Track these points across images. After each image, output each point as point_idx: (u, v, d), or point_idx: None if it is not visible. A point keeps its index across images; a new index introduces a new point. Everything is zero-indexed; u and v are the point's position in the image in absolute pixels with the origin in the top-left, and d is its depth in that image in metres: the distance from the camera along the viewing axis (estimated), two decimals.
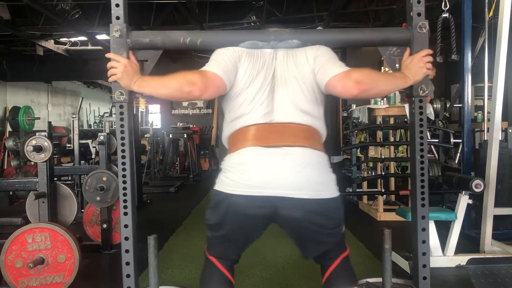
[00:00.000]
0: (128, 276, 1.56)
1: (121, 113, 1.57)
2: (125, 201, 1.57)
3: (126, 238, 1.56)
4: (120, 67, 1.50)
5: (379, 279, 2.08)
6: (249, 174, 1.45)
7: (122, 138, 1.58)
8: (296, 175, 1.44)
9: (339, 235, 1.56)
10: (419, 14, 1.54)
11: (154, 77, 1.51)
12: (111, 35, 1.53)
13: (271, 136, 1.49)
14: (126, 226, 1.56)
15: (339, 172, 8.93)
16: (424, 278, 1.58)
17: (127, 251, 1.55)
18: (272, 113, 1.51)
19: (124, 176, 1.57)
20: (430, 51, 1.53)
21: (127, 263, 1.55)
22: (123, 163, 1.57)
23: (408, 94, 1.58)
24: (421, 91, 1.53)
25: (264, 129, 1.50)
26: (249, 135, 1.50)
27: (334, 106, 10.15)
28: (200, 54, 9.24)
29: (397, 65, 1.62)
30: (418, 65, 1.51)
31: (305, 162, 1.46)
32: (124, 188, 1.56)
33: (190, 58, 9.40)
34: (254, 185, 1.43)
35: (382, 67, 8.93)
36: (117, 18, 1.54)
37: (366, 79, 1.47)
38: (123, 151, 1.57)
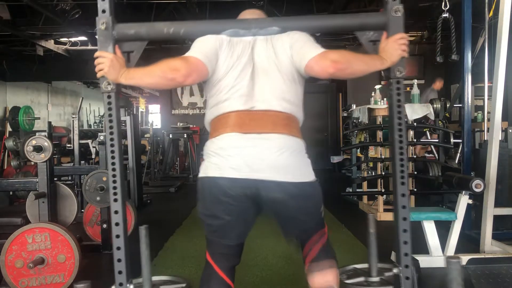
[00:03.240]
0: (120, 272, 1.56)
1: (109, 103, 1.56)
2: (115, 193, 1.55)
3: (117, 236, 1.55)
4: (106, 62, 1.50)
5: (366, 265, 2.09)
6: (229, 158, 1.53)
7: (111, 127, 1.55)
8: (274, 159, 1.52)
9: (318, 217, 1.64)
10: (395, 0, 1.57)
11: (139, 68, 1.55)
12: (98, 28, 1.53)
13: (251, 123, 1.55)
14: (117, 224, 1.55)
15: (339, 172, 8.95)
16: (407, 278, 1.56)
17: (118, 248, 1.55)
18: (253, 100, 1.57)
19: (114, 170, 1.53)
20: (405, 35, 1.56)
21: (119, 260, 1.55)
22: (112, 153, 1.54)
23: (386, 76, 1.60)
24: (398, 73, 1.56)
25: (244, 116, 1.56)
26: (230, 121, 1.57)
27: (334, 106, 10.15)
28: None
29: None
30: (393, 47, 1.53)
31: (283, 148, 1.54)
32: (114, 182, 1.54)
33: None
34: (234, 168, 1.51)
35: None
36: (103, 11, 1.55)
37: (342, 59, 1.54)
38: (111, 139, 1.55)
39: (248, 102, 1.58)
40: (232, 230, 1.59)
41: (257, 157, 1.52)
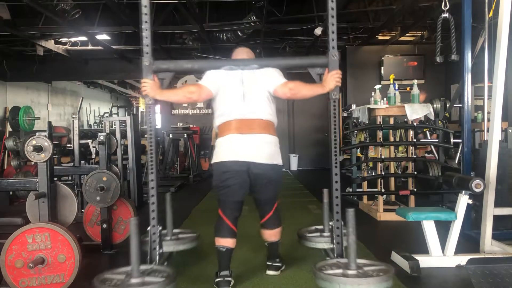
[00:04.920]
0: (153, 218, 2.40)
1: (149, 111, 2.43)
2: (151, 167, 2.41)
3: (153, 195, 2.41)
4: (148, 86, 2.37)
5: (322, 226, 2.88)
6: (232, 150, 2.53)
7: (150, 126, 2.41)
8: (258, 149, 2.53)
9: (276, 191, 2.70)
10: (333, 47, 2.37)
11: (169, 90, 2.52)
12: (143, 64, 2.36)
13: (245, 127, 2.53)
14: (152, 188, 2.43)
15: (339, 172, 8.93)
16: (337, 228, 2.36)
17: (153, 203, 2.40)
18: (244, 112, 2.54)
19: (151, 155, 2.39)
20: (339, 71, 2.38)
21: (153, 211, 2.41)
22: (151, 143, 2.40)
23: (328, 98, 2.42)
24: (334, 96, 2.39)
25: (240, 122, 2.54)
26: (231, 126, 2.55)
27: None
28: (200, 54, 9.26)
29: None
30: (331, 79, 2.37)
31: (264, 142, 2.55)
32: (151, 161, 2.40)
33: (191, 58, 9.41)
34: (236, 154, 2.52)
35: (382, 67, 8.92)
36: (147, 53, 2.36)
37: (296, 87, 2.51)
38: (151, 135, 2.39)
39: (242, 113, 2.54)
40: (236, 191, 2.54)
41: (249, 149, 2.51)
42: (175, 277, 2.13)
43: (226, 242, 2.54)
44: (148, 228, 2.36)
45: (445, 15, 3.67)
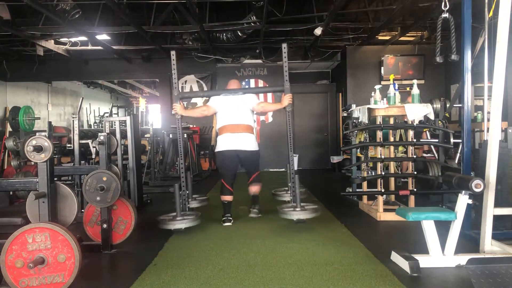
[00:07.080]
0: (183, 190, 4.16)
1: (178, 122, 4.27)
2: (180, 154, 4.35)
3: (183, 177, 4.23)
4: (178, 107, 4.20)
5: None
6: (227, 143, 4.27)
7: (179, 132, 4.30)
8: (243, 142, 4.27)
9: (257, 164, 4.45)
10: (286, 80, 4.07)
11: (189, 109, 4.84)
12: (174, 95, 4.18)
13: (234, 129, 4.26)
14: (182, 176, 4.24)
15: (339, 172, 8.95)
16: (294, 190, 4.03)
17: (183, 182, 4.22)
18: (234, 119, 4.26)
19: (180, 152, 4.34)
20: (291, 94, 4.05)
21: (183, 186, 4.18)
22: (180, 144, 4.32)
23: (285, 110, 4.09)
24: (288, 109, 4.04)
25: (232, 126, 4.27)
26: (226, 129, 4.30)
27: (334, 106, 10.16)
28: (200, 54, 9.24)
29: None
30: (285, 100, 4.06)
31: (247, 138, 4.28)
32: (180, 154, 4.34)
33: (191, 58, 9.41)
34: (229, 145, 4.26)
35: (382, 67, 8.92)
36: (176, 88, 4.19)
37: (265, 105, 4.51)
38: (180, 137, 4.30)
39: (233, 120, 4.25)
40: (230, 168, 4.30)
41: (237, 142, 4.23)
42: (200, 216, 4.03)
43: (227, 198, 4.28)
44: (180, 192, 4.03)
45: (445, 15, 3.66)
